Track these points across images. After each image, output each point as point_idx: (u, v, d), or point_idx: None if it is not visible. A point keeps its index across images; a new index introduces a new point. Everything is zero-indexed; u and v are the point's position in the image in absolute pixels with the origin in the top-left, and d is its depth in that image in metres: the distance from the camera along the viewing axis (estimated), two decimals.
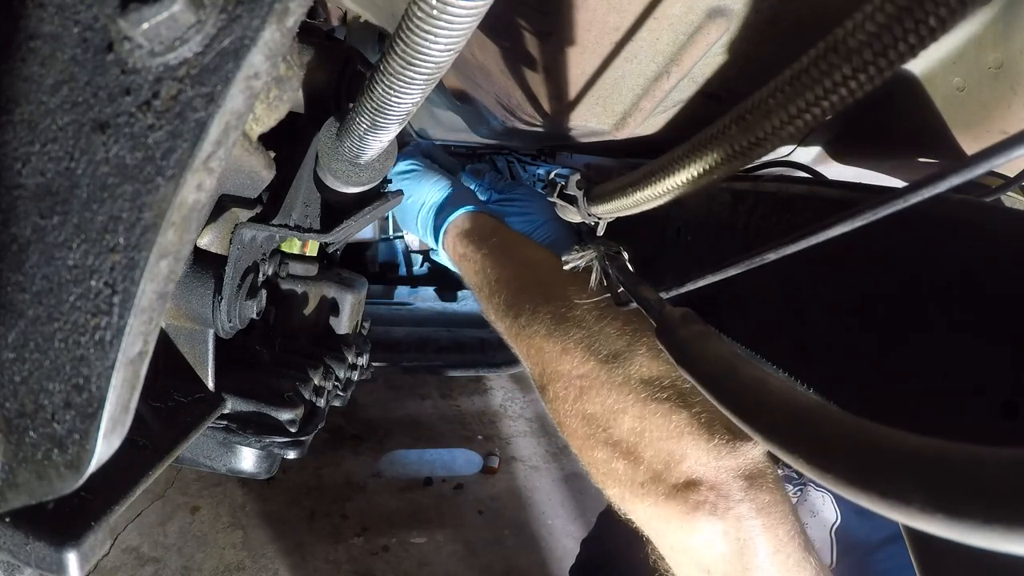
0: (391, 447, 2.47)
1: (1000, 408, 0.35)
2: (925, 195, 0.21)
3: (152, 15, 0.23)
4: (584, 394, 0.48)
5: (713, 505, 0.42)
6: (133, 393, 0.28)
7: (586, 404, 0.48)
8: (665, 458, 0.44)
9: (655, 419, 0.45)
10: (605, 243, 0.58)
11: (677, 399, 0.46)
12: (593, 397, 0.48)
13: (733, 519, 0.42)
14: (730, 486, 0.43)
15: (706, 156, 0.29)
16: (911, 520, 0.15)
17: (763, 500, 0.43)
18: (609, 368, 0.48)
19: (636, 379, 0.47)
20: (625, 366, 0.47)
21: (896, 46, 0.18)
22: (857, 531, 0.70)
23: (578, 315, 0.52)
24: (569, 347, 0.50)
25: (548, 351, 0.52)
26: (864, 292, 0.46)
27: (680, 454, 0.43)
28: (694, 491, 0.43)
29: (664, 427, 0.44)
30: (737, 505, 0.42)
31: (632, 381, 0.47)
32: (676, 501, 0.43)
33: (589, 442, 0.48)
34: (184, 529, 1.96)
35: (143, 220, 0.25)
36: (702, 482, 0.43)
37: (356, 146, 0.47)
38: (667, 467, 0.44)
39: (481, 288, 0.66)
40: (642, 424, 0.45)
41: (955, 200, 0.41)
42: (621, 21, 0.51)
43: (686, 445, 0.44)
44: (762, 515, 0.43)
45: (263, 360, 0.62)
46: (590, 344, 0.50)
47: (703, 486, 0.43)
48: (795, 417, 0.19)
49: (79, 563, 0.32)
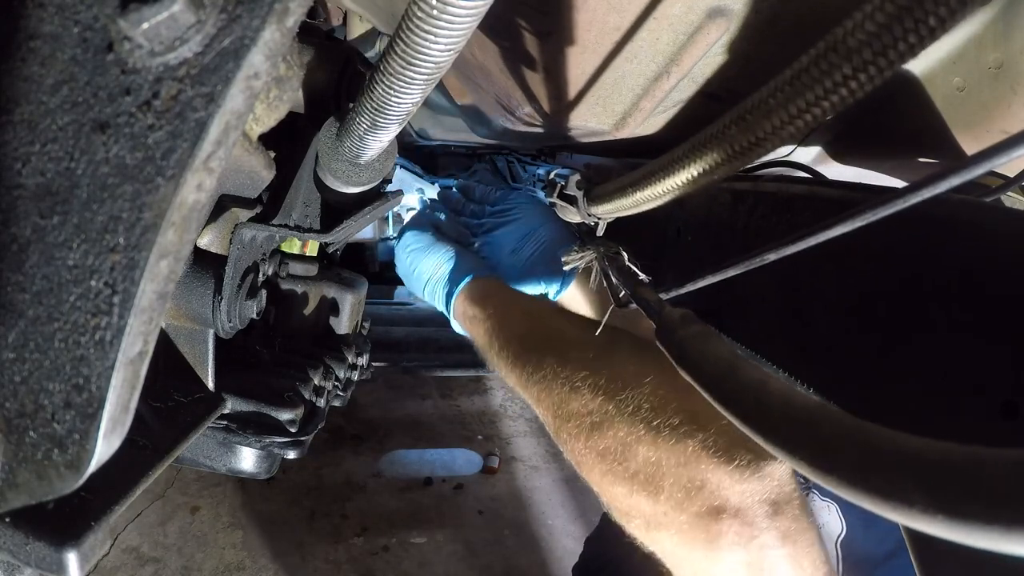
0: (391, 447, 2.47)
1: (1000, 408, 0.35)
2: (925, 195, 0.21)
3: (152, 15, 0.23)
4: (596, 430, 0.47)
5: (737, 534, 0.41)
6: (133, 393, 0.28)
7: (599, 440, 0.47)
8: (685, 485, 0.42)
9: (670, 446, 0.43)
10: (605, 243, 0.58)
11: (690, 422, 0.44)
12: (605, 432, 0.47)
13: (757, 548, 0.41)
14: (755, 512, 0.41)
15: (706, 156, 0.29)
16: (912, 521, 0.15)
17: (789, 528, 0.41)
18: (617, 401, 0.47)
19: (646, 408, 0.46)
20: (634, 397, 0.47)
21: (896, 46, 0.18)
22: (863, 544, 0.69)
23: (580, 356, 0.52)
24: (576, 386, 0.50)
25: (557, 393, 0.52)
26: (864, 292, 0.46)
27: (700, 480, 0.42)
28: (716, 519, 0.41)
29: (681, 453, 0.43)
30: (762, 533, 0.41)
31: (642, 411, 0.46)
32: (698, 530, 0.42)
33: (607, 478, 0.47)
34: (184, 529, 1.96)
35: (143, 220, 0.25)
36: (725, 508, 0.41)
37: (356, 146, 0.47)
38: (687, 495, 0.42)
39: (490, 347, 0.67)
40: (657, 453, 0.44)
41: (955, 200, 0.41)
42: (621, 21, 0.51)
43: (705, 470, 0.42)
44: (787, 544, 0.41)
45: (263, 360, 0.62)
46: (596, 380, 0.49)
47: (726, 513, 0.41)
48: (796, 418, 0.19)
49: (79, 563, 0.32)
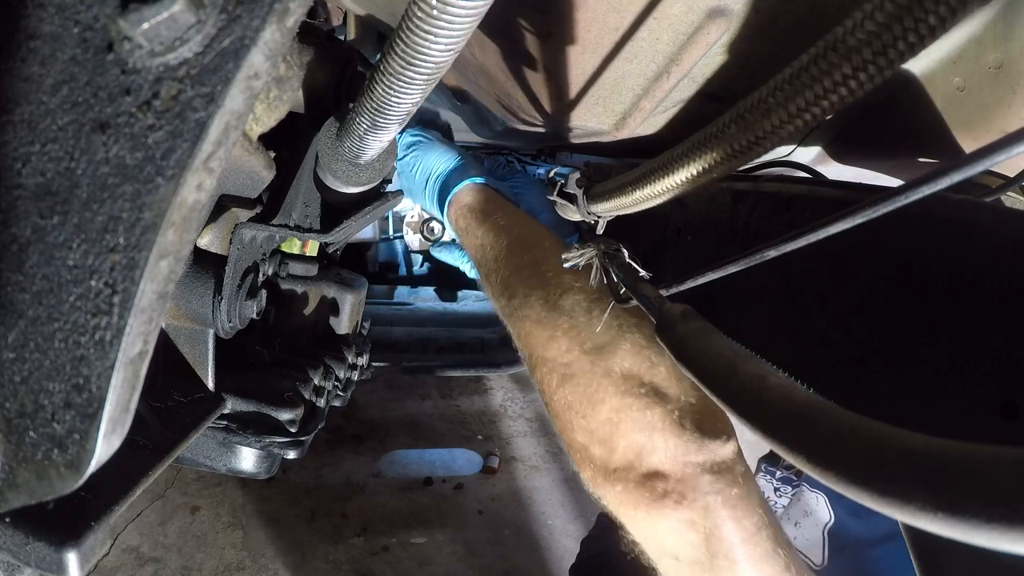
0: (391, 447, 2.47)
1: (1000, 408, 0.35)
2: (924, 192, 0.21)
3: (152, 15, 0.23)
4: (566, 381, 0.50)
5: (680, 495, 0.44)
6: (133, 393, 0.28)
7: (568, 391, 0.50)
8: (637, 449, 0.46)
9: (631, 412, 0.47)
10: (605, 241, 0.58)
11: (653, 395, 0.48)
12: (575, 385, 0.50)
13: (700, 509, 0.44)
14: (697, 479, 0.45)
15: (705, 155, 0.30)
16: (911, 519, 0.15)
17: (730, 493, 0.45)
18: (592, 359, 0.50)
19: (617, 373, 0.48)
20: (607, 359, 0.49)
21: (896, 45, 0.18)
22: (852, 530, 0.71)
23: (568, 304, 0.53)
24: (557, 335, 0.52)
25: (537, 336, 0.54)
26: (864, 290, 0.46)
27: (651, 447, 0.46)
28: (661, 481, 0.45)
29: (639, 420, 0.46)
30: (703, 497, 0.44)
31: (613, 374, 0.48)
32: (644, 489, 0.45)
33: (569, 425, 0.50)
34: (184, 529, 1.96)
35: (143, 220, 0.25)
36: (669, 475, 0.45)
37: (356, 146, 0.47)
38: (638, 457, 0.46)
39: (480, 264, 0.67)
40: (618, 415, 0.47)
41: (955, 200, 0.41)
42: (621, 21, 0.51)
43: (657, 439, 0.46)
44: (728, 507, 0.44)
45: (263, 360, 0.62)
46: (576, 334, 0.51)
47: (671, 478, 0.45)
48: (795, 415, 0.19)
49: (79, 563, 0.32)
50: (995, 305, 0.37)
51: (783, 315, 0.53)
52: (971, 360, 0.37)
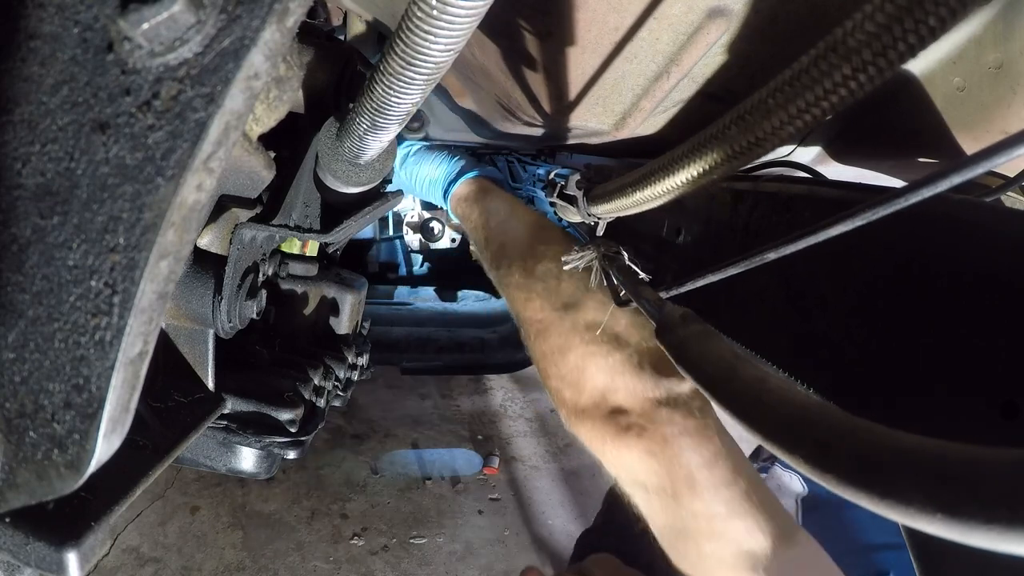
0: (391, 447, 2.47)
1: (1000, 408, 0.35)
2: (924, 195, 0.21)
3: (152, 15, 0.23)
4: (541, 335, 0.58)
5: (641, 428, 0.50)
6: (133, 393, 0.28)
7: (542, 343, 0.58)
8: (602, 389, 0.52)
9: (595, 358, 0.53)
10: (605, 243, 0.58)
11: (615, 343, 0.54)
12: (548, 338, 0.57)
13: (660, 439, 0.49)
14: (656, 413, 0.50)
15: (706, 156, 0.29)
16: (911, 520, 0.15)
17: (687, 425, 0.49)
18: (560, 315, 0.57)
19: (582, 325, 0.55)
20: (573, 314, 0.56)
21: (896, 46, 0.18)
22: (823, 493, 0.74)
23: (541, 271, 0.61)
24: (532, 297, 0.60)
25: (518, 299, 0.62)
26: (864, 292, 0.46)
27: (614, 387, 0.52)
28: (624, 416, 0.51)
29: (602, 365, 0.53)
30: (662, 428, 0.49)
31: (578, 326, 0.55)
32: (610, 424, 0.51)
33: (546, 373, 0.58)
34: (184, 529, 1.96)
35: (143, 220, 0.25)
36: (631, 410, 0.51)
37: (356, 146, 0.47)
38: (603, 397, 0.52)
39: (478, 243, 0.76)
40: (584, 361, 0.54)
41: (955, 200, 0.41)
42: (621, 21, 0.51)
43: (619, 380, 0.52)
44: (686, 436, 0.49)
45: (263, 360, 0.62)
46: (548, 295, 0.59)
47: (632, 413, 0.50)
48: (795, 418, 0.19)
49: (79, 563, 0.32)
50: (995, 305, 0.36)
51: (783, 316, 0.53)
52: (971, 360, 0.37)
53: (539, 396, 2.90)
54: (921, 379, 0.40)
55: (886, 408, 0.43)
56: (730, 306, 0.60)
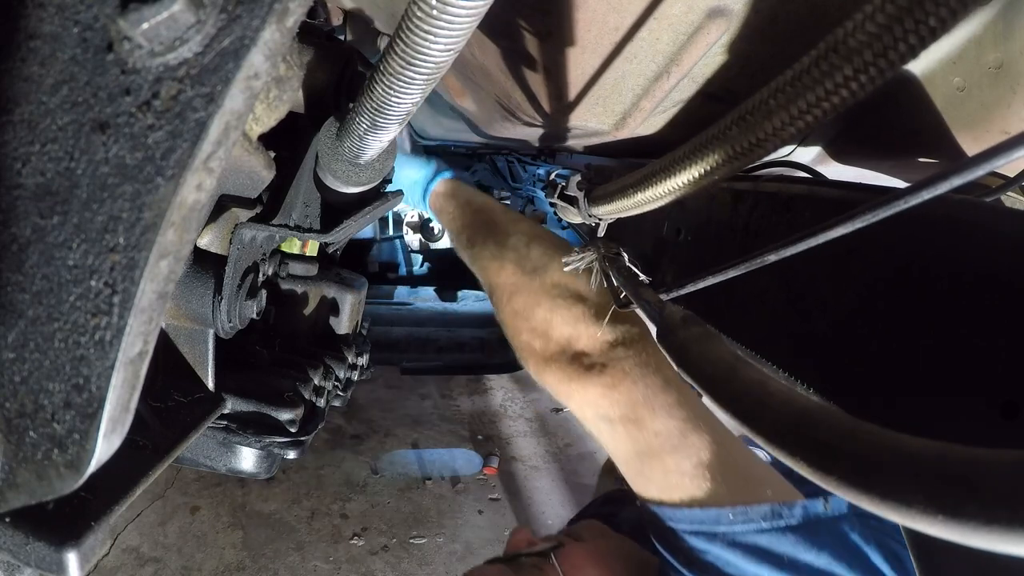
0: (391, 447, 2.47)
1: (1000, 408, 0.35)
2: (925, 196, 0.21)
3: (152, 15, 0.23)
4: (513, 296, 0.66)
5: (602, 365, 0.57)
6: (133, 393, 0.28)
7: (514, 302, 0.66)
8: (567, 337, 0.60)
9: (559, 312, 0.61)
10: (605, 244, 0.58)
11: (577, 298, 0.62)
12: (518, 298, 0.65)
13: (619, 372, 0.56)
14: (614, 352, 0.57)
15: (707, 157, 0.29)
16: (912, 522, 0.15)
17: (641, 358, 0.56)
18: (529, 277, 0.65)
19: (548, 284, 0.64)
20: (541, 276, 0.65)
21: (897, 47, 0.18)
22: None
23: (512, 242, 0.71)
24: (505, 264, 0.69)
25: (491, 268, 0.71)
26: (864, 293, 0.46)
27: (576, 335, 0.59)
28: (587, 357, 0.58)
29: (567, 317, 0.61)
30: (619, 363, 0.56)
31: (546, 286, 0.64)
32: (575, 365, 0.58)
33: (517, 329, 0.65)
34: (184, 529, 1.96)
35: (143, 220, 0.25)
36: (591, 352, 0.58)
37: (356, 146, 0.47)
38: (568, 344, 0.60)
39: (452, 231, 0.87)
40: (551, 315, 0.62)
41: (955, 200, 0.41)
42: (621, 21, 0.51)
43: (581, 328, 0.59)
44: (640, 367, 0.56)
45: (263, 360, 0.62)
46: (518, 261, 0.68)
47: (593, 354, 0.58)
48: (796, 419, 0.19)
49: (79, 563, 0.32)
50: (995, 305, 0.36)
51: (784, 317, 0.53)
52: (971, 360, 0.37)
53: (539, 396, 2.90)
54: (921, 380, 0.40)
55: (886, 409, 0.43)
56: (730, 307, 0.60)
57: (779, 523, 0.45)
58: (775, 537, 0.45)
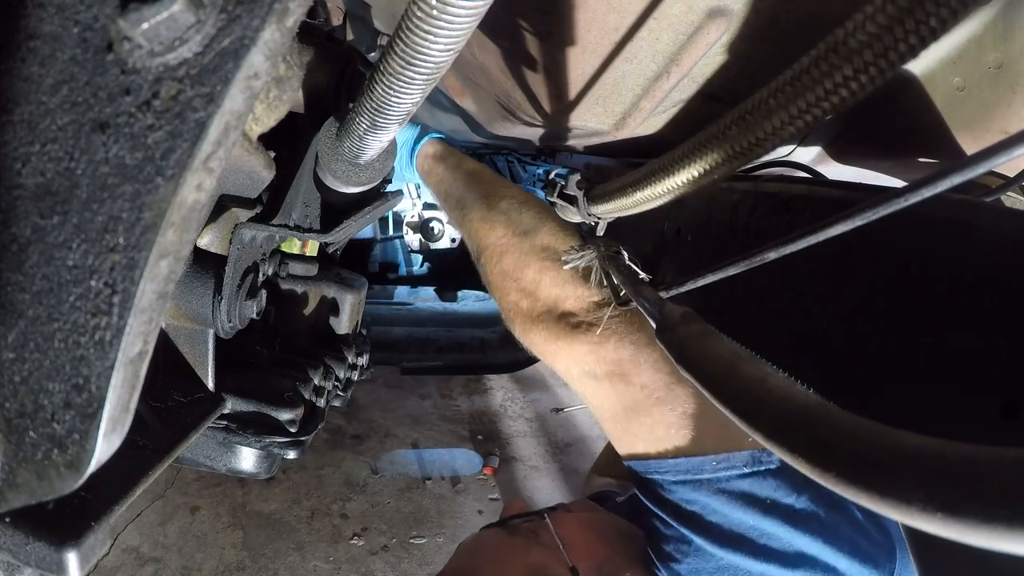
0: (391, 447, 2.47)
1: (1000, 408, 0.35)
2: (925, 195, 0.21)
3: (152, 15, 0.23)
4: (503, 256, 0.67)
5: (588, 324, 0.58)
6: (133, 393, 0.28)
7: (504, 263, 0.66)
8: (555, 298, 0.61)
9: (548, 273, 0.62)
10: (605, 242, 0.58)
11: None
12: (508, 258, 0.66)
13: (605, 331, 0.56)
14: (599, 312, 0.58)
15: (707, 156, 0.29)
16: (911, 520, 0.15)
17: (626, 317, 0.57)
18: (520, 239, 0.66)
19: (538, 246, 0.65)
20: (531, 238, 0.66)
21: (897, 47, 0.18)
22: None
23: (503, 206, 0.71)
24: (496, 227, 0.69)
25: (482, 230, 0.71)
26: (865, 292, 0.46)
27: (564, 296, 0.60)
28: (574, 317, 0.59)
29: (555, 278, 0.61)
30: (605, 321, 0.57)
31: (536, 248, 0.65)
32: (562, 324, 0.59)
33: (505, 289, 0.66)
34: (184, 529, 1.96)
35: (143, 220, 0.25)
36: (578, 312, 0.59)
37: (356, 146, 0.47)
38: (556, 304, 0.61)
39: (441, 194, 0.87)
40: (540, 276, 0.62)
41: (954, 200, 0.41)
42: (621, 21, 0.51)
43: (568, 289, 0.60)
44: (624, 324, 0.56)
45: (263, 360, 0.62)
46: (509, 223, 0.68)
47: (579, 314, 0.59)
48: (795, 417, 0.19)
49: (79, 563, 0.32)
50: (995, 305, 0.37)
51: (784, 315, 0.53)
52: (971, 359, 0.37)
53: (539, 396, 2.90)
54: (921, 378, 0.40)
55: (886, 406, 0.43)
56: (731, 305, 0.60)
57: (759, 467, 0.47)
58: (756, 481, 0.46)
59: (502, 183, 0.79)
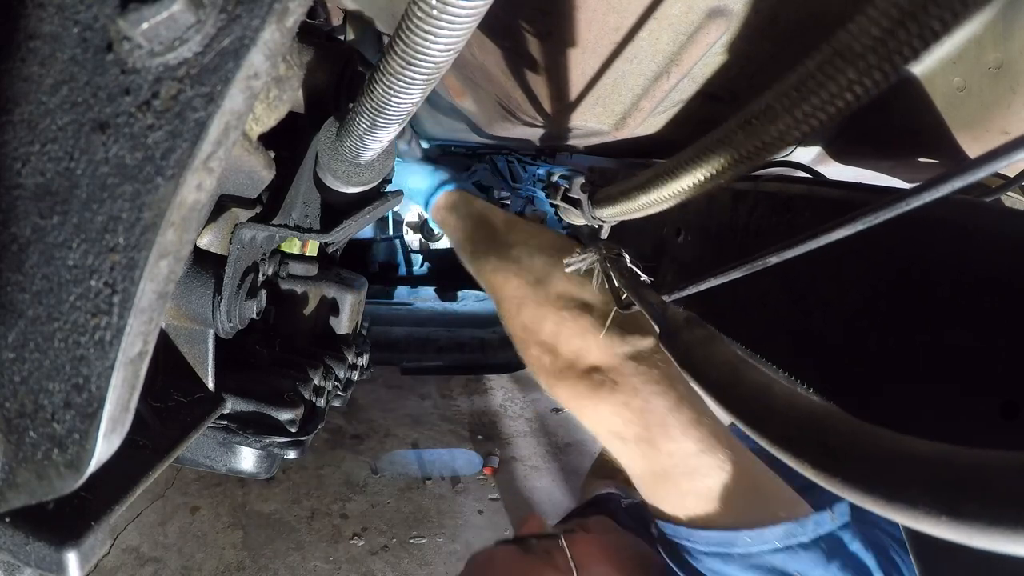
0: (391, 447, 2.47)
1: (1000, 408, 0.35)
2: (927, 198, 0.21)
3: (152, 15, 0.23)
4: (520, 309, 0.65)
5: (613, 382, 0.55)
6: (133, 393, 0.28)
7: (522, 316, 0.64)
8: (576, 351, 0.58)
9: (567, 324, 0.59)
10: (607, 245, 0.58)
11: (582, 307, 0.60)
12: (525, 311, 0.64)
13: (631, 390, 0.54)
14: (625, 366, 0.55)
15: (712, 160, 0.29)
16: (916, 523, 0.15)
17: (653, 374, 0.54)
18: (535, 289, 0.64)
19: (554, 295, 0.62)
20: (546, 287, 0.63)
21: (901, 50, 0.18)
22: None
23: (515, 254, 0.70)
24: (509, 276, 0.68)
25: (496, 280, 0.70)
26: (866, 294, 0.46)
27: (586, 348, 0.57)
28: (597, 373, 0.56)
29: (574, 328, 0.59)
30: (631, 379, 0.54)
31: (551, 297, 0.62)
32: (585, 382, 0.56)
33: (526, 343, 0.63)
34: (184, 529, 1.96)
35: (143, 220, 0.25)
36: (602, 366, 0.56)
37: (356, 146, 0.47)
38: (577, 357, 0.58)
39: (456, 243, 0.87)
40: (558, 327, 0.60)
41: (955, 200, 0.40)
42: (621, 21, 0.51)
43: (590, 341, 0.57)
44: (653, 383, 0.54)
45: (263, 360, 0.62)
46: (523, 273, 0.66)
47: (603, 369, 0.56)
48: (801, 423, 0.19)
49: (79, 563, 0.32)
50: (995, 305, 0.36)
51: (785, 317, 0.53)
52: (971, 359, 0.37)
53: (539, 396, 2.90)
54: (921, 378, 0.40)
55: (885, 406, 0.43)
56: (732, 306, 0.60)
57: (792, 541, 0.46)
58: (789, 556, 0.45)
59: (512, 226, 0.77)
